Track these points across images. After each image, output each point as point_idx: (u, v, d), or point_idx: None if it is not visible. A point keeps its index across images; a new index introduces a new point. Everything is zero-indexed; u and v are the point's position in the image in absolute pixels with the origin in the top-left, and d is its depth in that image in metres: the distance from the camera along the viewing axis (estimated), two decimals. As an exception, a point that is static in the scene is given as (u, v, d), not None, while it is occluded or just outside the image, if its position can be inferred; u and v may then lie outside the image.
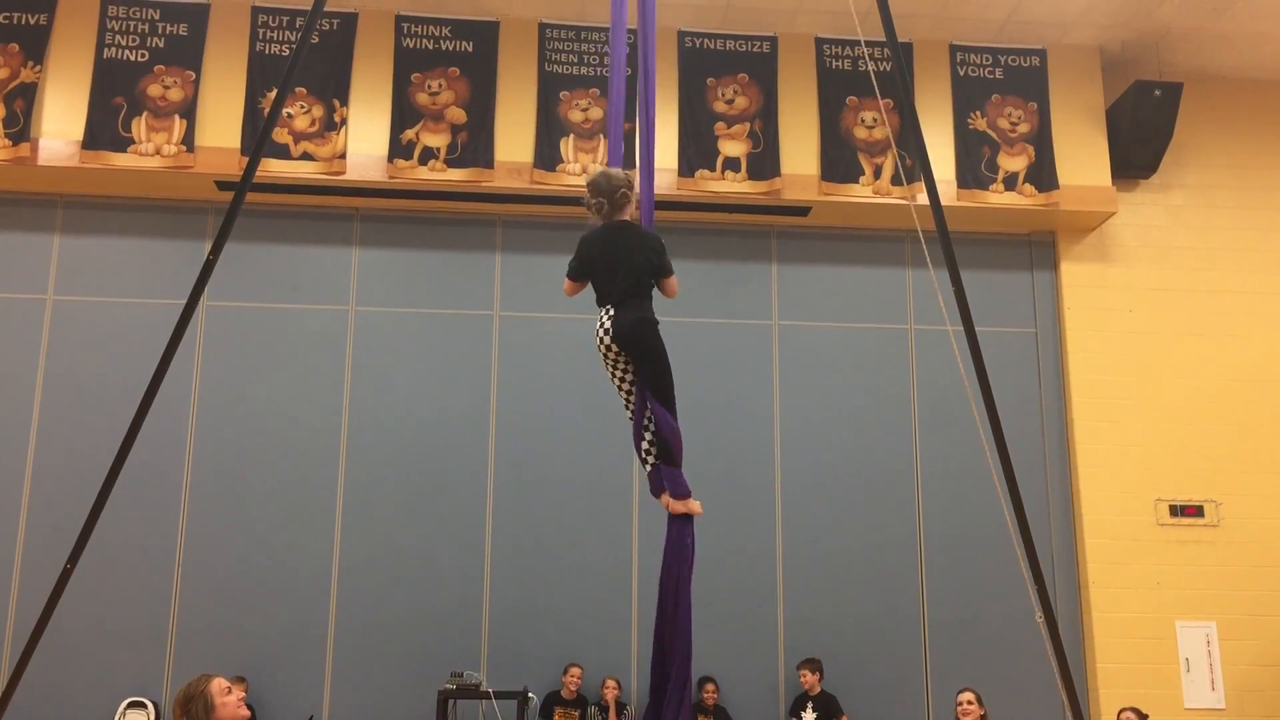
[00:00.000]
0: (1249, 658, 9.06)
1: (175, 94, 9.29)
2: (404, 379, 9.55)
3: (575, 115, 9.58)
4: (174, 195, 9.57)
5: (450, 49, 9.62)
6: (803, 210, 9.84)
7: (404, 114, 9.44)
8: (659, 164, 5.58)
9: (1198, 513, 9.61)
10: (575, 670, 8.77)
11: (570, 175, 9.41)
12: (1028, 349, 10.04)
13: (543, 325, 9.71)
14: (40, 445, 9.10)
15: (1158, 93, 9.75)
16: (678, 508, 4.16)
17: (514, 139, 9.51)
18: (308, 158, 9.29)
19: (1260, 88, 10.59)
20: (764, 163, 9.60)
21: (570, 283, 4.59)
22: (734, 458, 9.57)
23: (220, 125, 9.28)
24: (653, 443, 4.21)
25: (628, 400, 4.35)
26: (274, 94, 8.57)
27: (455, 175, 9.38)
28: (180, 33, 9.41)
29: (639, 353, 4.22)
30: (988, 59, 10.06)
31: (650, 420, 4.21)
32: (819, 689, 8.87)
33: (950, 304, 5.24)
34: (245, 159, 8.86)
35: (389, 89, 9.50)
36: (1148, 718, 7.74)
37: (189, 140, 9.18)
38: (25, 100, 9.17)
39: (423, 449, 9.42)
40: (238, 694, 3.62)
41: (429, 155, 9.37)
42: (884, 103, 9.72)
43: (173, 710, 3.48)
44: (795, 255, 10.13)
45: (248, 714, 3.68)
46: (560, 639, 9.09)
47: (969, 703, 7.61)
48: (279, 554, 9.12)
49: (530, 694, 8.54)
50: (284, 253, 9.74)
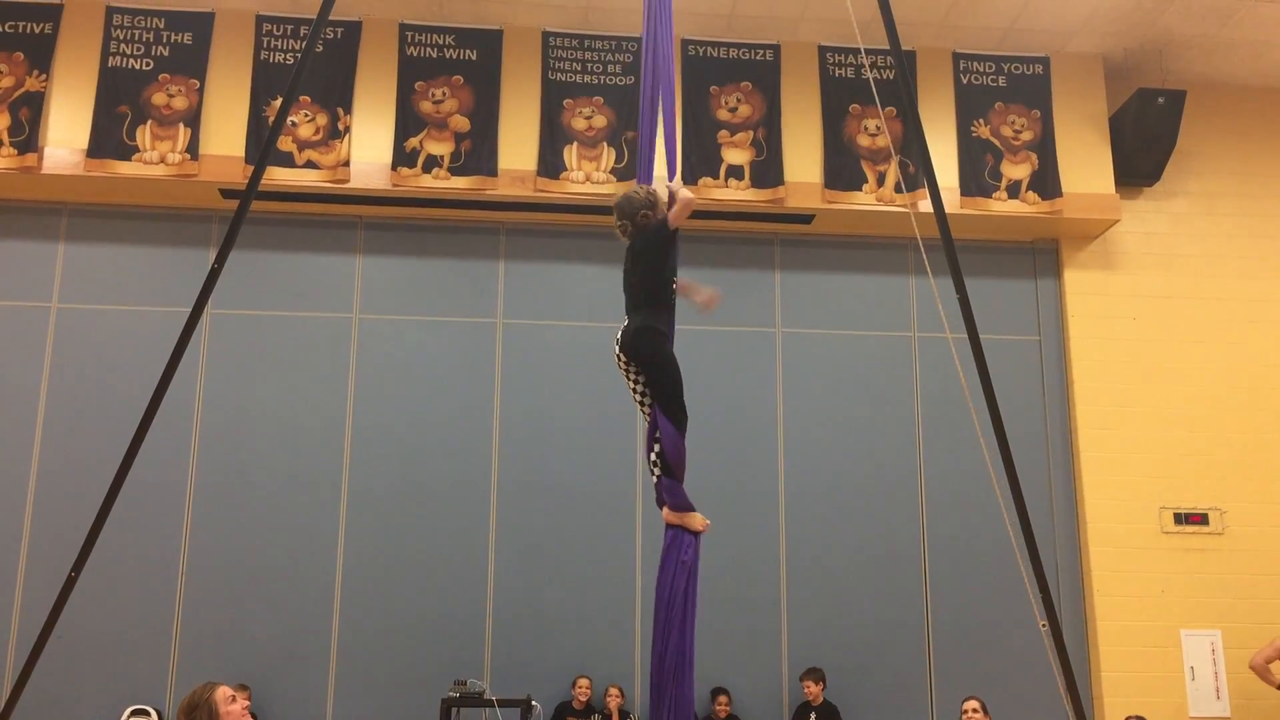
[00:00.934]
0: None
1: (180, 102, 9.31)
2: (407, 387, 9.56)
3: (579, 123, 9.60)
4: (178, 203, 9.59)
5: (454, 57, 9.64)
6: (806, 218, 9.85)
7: (408, 122, 9.46)
8: (660, 173, 5.58)
9: (1202, 520, 9.60)
10: (584, 681, 8.76)
11: (574, 183, 9.43)
12: (1031, 357, 10.03)
13: (546, 333, 9.72)
14: (44, 453, 9.11)
15: (1161, 100, 9.76)
16: (672, 520, 4.20)
17: (517, 147, 9.53)
18: (312, 166, 9.31)
19: (1264, 95, 10.60)
20: (767, 171, 9.61)
21: None
22: (737, 465, 9.56)
23: (225, 133, 9.30)
24: (658, 456, 4.26)
25: (641, 408, 4.40)
26: (278, 102, 8.61)
27: (459, 183, 9.40)
28: (185, 41, 9.44)
29: (642, 361, 4.30)
30: (990, 67, 10.07)
31: (657, 434, 4.26)
32: (822, 699, 8.85)
33: (953, 312, 5.25)
34: (250, 167, 8.88)
35: (393, 97, 9.52)
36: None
37: (193, 148, 9.20)
38: (31, 109, 9.19)
39: (426, 456, 9.42)
40: (242, 702, 3.62)
41: (433, 163, 9.39)
42: (887, 111, 9.74)
43: (177, 718, 3.48)
44: (798, 263, 10.13)
45: (251, 722, 3.68)
46: (563, 647, 9.09)
47: (974, 711, 7.61)
48: (282, 561, 9.12)
49: (534, 702, 8.52)
50: (288, 260, 9.75)
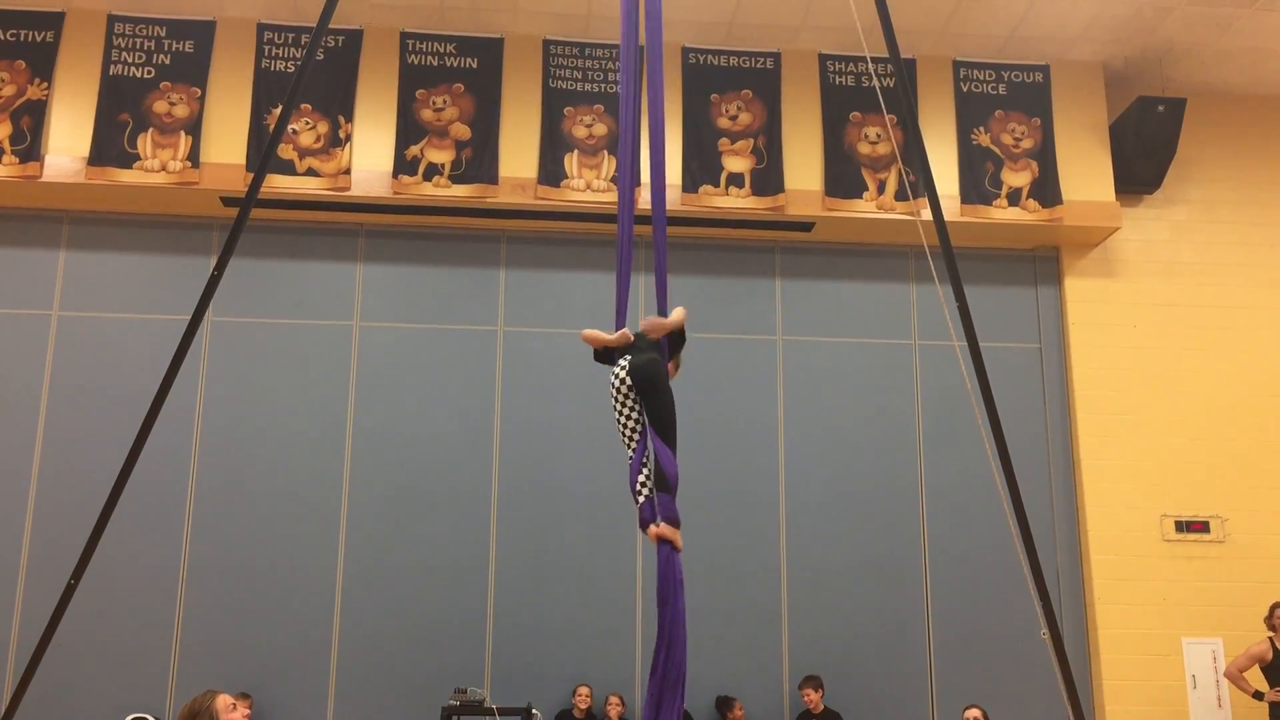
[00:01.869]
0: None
1: (181, 110, 9.32)
2: (408, 394, 9.56)
3: (579, 131, 9.61)
4: (179, 211, 9.60)
5: (455, 65, 9.66)
6: (806, 226, 9.86)
7: (409, 130, 9.48)
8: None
9: (1204, 528, 9.59)
10: (584, 690, 8.74)
11: (574, 191, 9.44)
12: (1032, 364, 10.03)
13: (547, 340, 9.72)
14: (45, 460, 9.11)
15: (1161, 108, 9.77)
16: (668, 533, 4.27)
17: (518, 155, 9.54)
18: (313, 174, 9.32)
19: (1263, 103, 10.61)
20: (768, 178, 9.62)
21: None
22: (738, 473, 9.55)
23: (225, 141, 9.32)
24: (650, 476, 4.34)
25: (629, 440, 4.49)
26: (279, 110, 8.61)
27: (460, 191, 9.41)
28: (186, 49, 9.46)
29: (650, 388, 4.44)
30: (991, 75, 10.09)
31: (649, 456, 4.35)
32: (822, 706, 8.84)
33: (954, 319, 5.25)
34: (250, 175, 8.89)
35: (393, 105, 9.54)
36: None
37: (194, 156, 9.21)
38: (32, 117, 9.21)
39: (427, 464, 9.42)
40: (242, 711, 3.62)
41: (433, 171, 9.39)
42: (888, 118, 9.75)
43: (177, 726, 3.48)
44: (799, 270, 10.14)
45: (251, 730, 3.67)
46: (564, 655, 9.07)
47: (975, 719, 7.59)
48: (283, 569, 9.11)
49: (534, 710, 8.51)
50: (289, 268, 9.76)
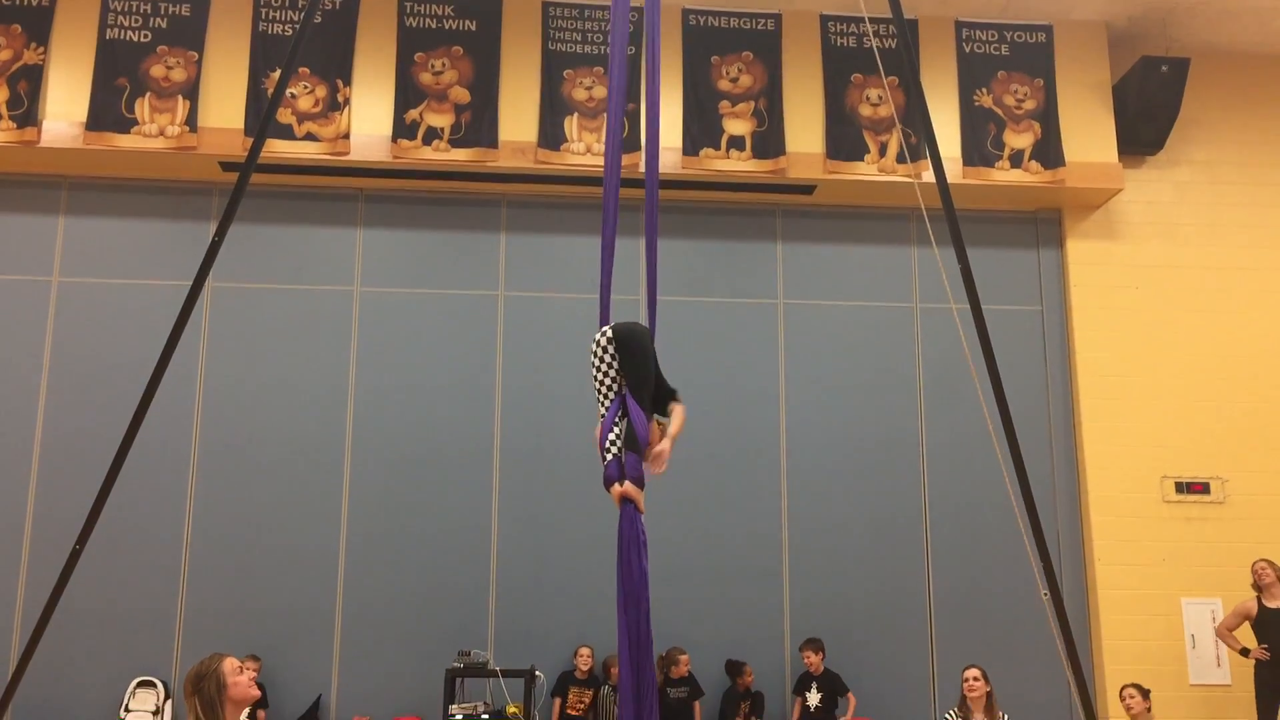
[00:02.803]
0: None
1: (178, 74, 9.27)
2: (409, 359, 9.56)
3: (579, 94, 9.55)
4: (178, 176, 9.57)
5: (453, 28, 9.59)
6: (807, 189, 9.82)
7: (407, 94, 9.42)
8: (663, 143, 5.57)
9: (1204, 489, 9.62)
10: (585, 650, 8.80)
11: (575, 154, 9.40)
12: (1033, 327, 10.02)
13: (548, 305, 9.71)
14: (47, 427, 9.13)
15: (1165, 68, 9.70)
16: (633, 493, 4.31)
17: (518, 118, 9.49)
18: (311, 138, 9.27)
19: (1268, 63, 10.54)
20: (768, 141, 9.57)
21: None
22: (739, 437, 9.57)
23: (223, 106, 9.26)
24: (620, 435, 4.38)
25: (603, 399, 4.55)
26: (277, 74, 8.56)
27: (459, 155, 9.37)
28: (182, 13, 9.39)
29: (631, 348, 4.51)
30: (993, 35, 10.01)
31: (622, 415, 4.41)
32: (822, 668, 8.91)
33: (956, 282, 5.25)
34: (249, 140, 8.84)
35: (392, 69, 9.48)
36: (1149, 693, 7.77)
37: (192, 121, 9.16)
38: (29, 82, 9.16)
39: (428, 429, 9.44)
40: (249, 673, 3.64)
41: (433, 135, 9.35)
42: (889, 80, 9.68)
43: (184, 689, 3.50)
44: (800, 234, 10.11)
45: (259, 693, 3.71)
46: (566, 618, 9.13)
47: (975, 679, 7.64)
48: (286, 534, 9.15)
49: (538, 672, 8.58)
50: (289, 233, 9.74)
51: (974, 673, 7.68)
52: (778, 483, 9.61)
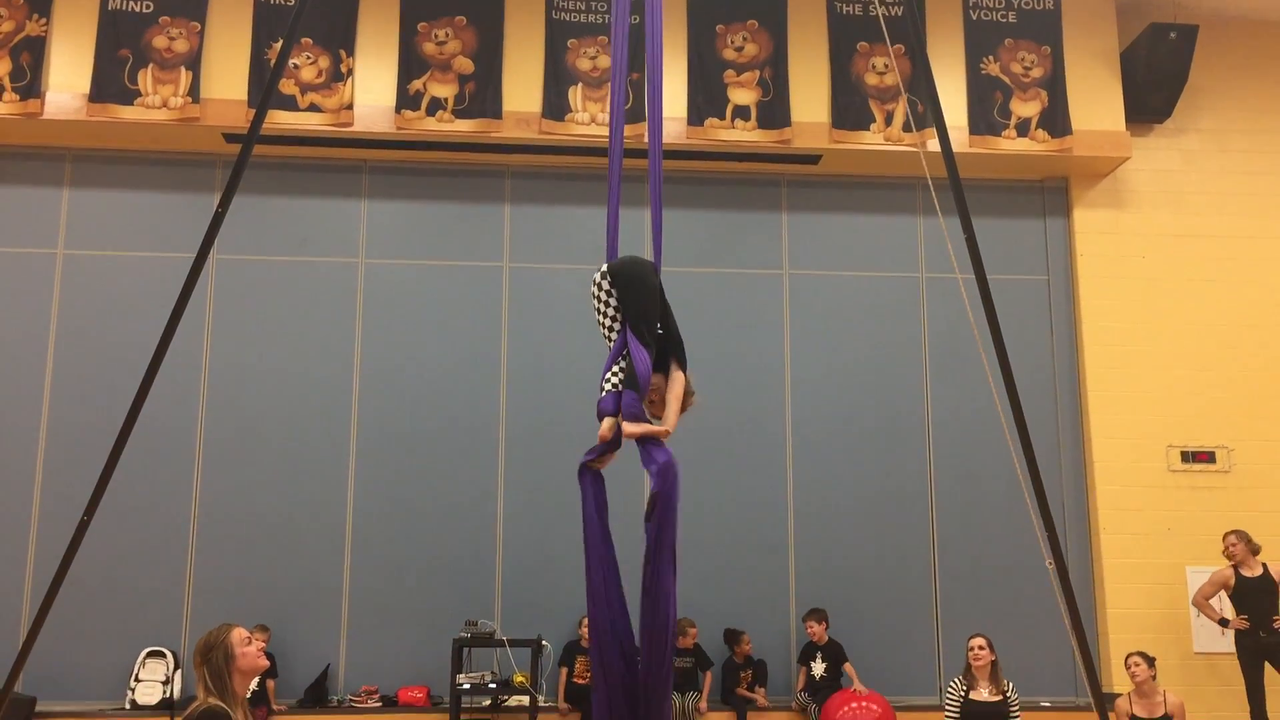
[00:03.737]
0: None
1: (181, 45, 9.22)
2: (414, 331, 9.56)
3: (583, 64, 9.50)
4: (181, 148, 9.54)
5: (456, -3, 9.53)
6: (813, 158, 9.77)
7: (411, 64, 9.37)
8: (668, 113, 5.52)
9: (1209, 459, 9.62)
10: (592, 620, 8.83)
11: (579, 125, 9.35)
12: (1039, 296, 10.00)
13: (552, 276, 9.70)
14: (54, 399, 9.15)
15: (1173, 35, 9.62)
16: (634, 432, 4.18)
17: (522, 89, 9.44)
18: (315, 109, 9.23)
19: (1277, 30, 10.44)
20: (774, 111, 9.51)
21: None
22: (744, 408, 9.57)
23: (226, 77, 9.22)
24: (621, 369, 4.27)
25: (608, 335, 4.45)
26: (280, 45, 8.51)
27: (463, 126, 9.33)
28: (184, -17, 9.34)
29: (627, 281, 4.38)
30: (1001, 2, 9.92)
31: (627, 352, 4.27)
32: (826, 638, 8.95)
33: (962, 251, 5.23)
34: (252, 111, 8.78)
35: (395, 39, 9.42)
36: (1155, 661, 7.79)
37: (195, 92, 9.12)
38: (32, 54, 9.11)
39: (434, 400, 9.45)
40: (258, 644, 3.67)
41: (436, 106, 9.31)
42: (895, 48, 9.59)
43: (193, 659, 3.53)
44: (805, 204, 10.07)
45: (267, 663, 3.74)
46: (573, 587, 9.05)
47: (980, 648, 7.67)
48: (293, 505, 9.19)
49: (544, 642, 8.62)
50: (292, 205, 9.72)
51: (979, 641, 7.71)
52: (783, 453, 9.62)
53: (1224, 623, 8.51)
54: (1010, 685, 7.64)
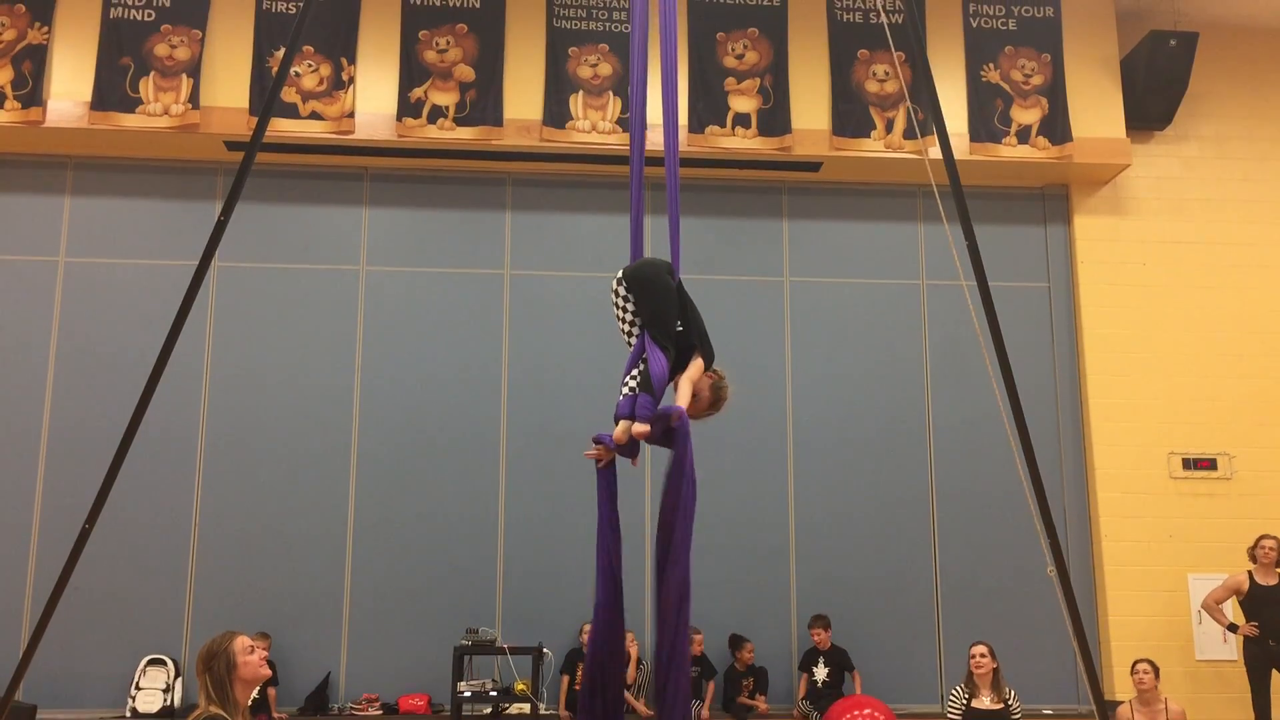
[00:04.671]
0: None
1: (182, 53, 9.23)
2: (415, 338, 9.56)
3: (584, 71, 9.51)
4: (183, 155, 9.55)
5: (458, 5, 9.53)
6: (814, 166, 9.78)
7: (412, 72, 9.39)
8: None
9: (1211, 466, 9.61)
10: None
11: (580, 132, 9.36)
12: (1040, 303, 10.00)
13: (553, 283, 9.70)
14: (55, 406, 9.15)
15: (1173, 43, 9.63)
16: (640, 431, 4.21)
17: (523, 96, 9.45)
18: (316, 117, 9.25)
19: (1276, 37, 10.45)
20: (775, 118, 9.52)
21: None
22: (745, 415, 9.53)
23: (228, 85, 9.23)
24: (639, 374, 4.30)
25: (629, 338, 4.46)
26: (281, 53, 8.52)
27: (464, 134, 9.34)
28: (186, -9, 9.35)
29: (639, 284, 4.35)
30: (1000, 10, 9.94)
31: (644, 360, 4.29)
32: (829, 644, 8.94)
33: (963, 258, 5.23)
34: (253, 119, 8.82)
35: (396, 47, 9.43)
36: (1159, 669, 7.78)
37: (196, 100, 9.13)
38: (34, 62, 9.13)
39: (435, 408, 9.45)
40: (260, 652, 3.66)
41: (438, 114, 9.32)
42: (896, 56, 9.62)
43: (195, 667, 3.53)
44: (806, 211, 10.08)
45: (269, 673, 3.73)
46: (574, 595, 9.13)
47: (982, 655, 7.66)
48: (294, 513, 9.18)
49: (545, 650, 8.61)
50: (294, 213, 9.73)
51: (981, 649, 7.70)
52: (784, 460, 9.61)
53: (1232, 628, 8.49)
54: (1012, 693, 7.64)
